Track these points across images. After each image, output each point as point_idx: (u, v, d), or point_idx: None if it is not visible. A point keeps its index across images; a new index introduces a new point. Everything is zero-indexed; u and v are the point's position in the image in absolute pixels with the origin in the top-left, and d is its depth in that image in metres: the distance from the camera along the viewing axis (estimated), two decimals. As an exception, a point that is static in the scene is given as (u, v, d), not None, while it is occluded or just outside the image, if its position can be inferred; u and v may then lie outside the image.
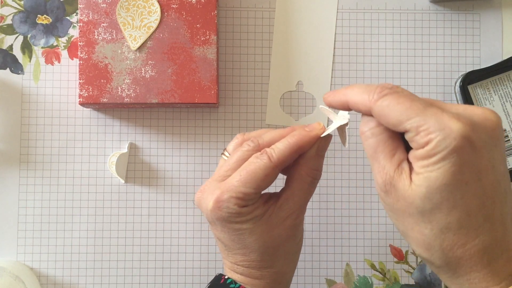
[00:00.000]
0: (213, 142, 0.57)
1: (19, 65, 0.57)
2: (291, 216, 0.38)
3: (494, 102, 0.57)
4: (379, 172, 0.31)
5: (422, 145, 0.29)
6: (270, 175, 0.37)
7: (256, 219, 0.37)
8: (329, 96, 0.34)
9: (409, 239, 0.32)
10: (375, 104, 0.30)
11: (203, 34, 0.53)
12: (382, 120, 0.31)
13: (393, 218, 0.32)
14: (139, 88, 0.52)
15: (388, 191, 0.31)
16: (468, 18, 0.58)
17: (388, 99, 0.30)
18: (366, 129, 0.32)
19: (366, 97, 0.31)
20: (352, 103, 0.32)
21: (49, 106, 0.57)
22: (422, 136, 0.29)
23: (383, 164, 0.31)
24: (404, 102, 0.29)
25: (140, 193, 0.57)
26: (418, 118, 0.29)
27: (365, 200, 0.57)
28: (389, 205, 0.31)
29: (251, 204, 0.37)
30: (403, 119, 0.29)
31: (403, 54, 0.58)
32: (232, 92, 0.57)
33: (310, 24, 0.58)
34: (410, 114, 0.29)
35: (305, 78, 0.57)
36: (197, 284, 0.56)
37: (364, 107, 0.31)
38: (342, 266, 0.57)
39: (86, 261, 0.56)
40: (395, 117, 0.29)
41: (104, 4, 0.53)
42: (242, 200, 0.37)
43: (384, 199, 0.32)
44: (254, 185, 0.37)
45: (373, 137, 0.31)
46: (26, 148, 0.56)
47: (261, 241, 0.37)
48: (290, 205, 0.38)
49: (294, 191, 0.38)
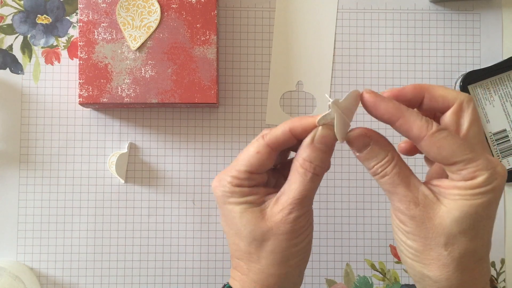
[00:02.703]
0: (213, 142, 0.57)
1: (19, 65, 0.57)
2: (283, 210, 0.36)
3: (494, 102, 0.57)
4: (401, 201, 0.34)
5: (467, 178, 0.32)
6: (261, 153, 0.36)
7: (250, 205, 0.37)
8: (380, 103, 0.34)
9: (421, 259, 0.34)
10: (433, 135, 0.33)
11: (203, 34, 0.53)
12: (432, 150, 0.33)
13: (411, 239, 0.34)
14: (139, 88, 0.52)
15: (413, 215, 0.33)
16: (468, 18, 0.58)
17: (445, 133, 0.33)
18: (379, 170, 0.34)
19: (424, 125, 0.33)
20: (405, 123, 0.33)
21: (49, 106, 0.57)
22: (470, 172, 0.32)
23: (404, 193, 0.34)
24: (457, 138, 0.33)
25: (140, 193, 0.57)
26: (470, 155, 0.32)
27: (365, 200, 0.57)
28: (411, 227, 0.34)
29: (246, 186, 0.37)
30: (457, 153, 0.32)
31: (403, 54, 0.58)
32: (232, 92, 0.57)
33: (310, 24, 0.58)
34: (463, 150, 0.32)
35: (305, 78, 0.57)
36: (197, 284, 0.56)
37: (417, 132, 0.33)
38: (342, 266, 0.57)
39: (86, 261, 0.56)
40: (450, 150, 0.32)
41: (104, 4, 0.53)
42: (235, 178, 0.37)
43: (406, 223, 0.34)
44: (246, 162, 0.36)
45: (388, 174, 0.34)
46: (26, 148, 0.56)
47: (250, 227, 0.37)
48: (284, 199, 0.36)
49: (290, 184, 0.36)
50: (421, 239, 0.34)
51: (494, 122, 0.57)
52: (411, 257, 0.35)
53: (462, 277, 0.33)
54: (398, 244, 0.36)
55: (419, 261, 0.34)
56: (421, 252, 0.34)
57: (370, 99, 0.34)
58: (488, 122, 0.57)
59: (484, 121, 0.57)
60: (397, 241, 0.36)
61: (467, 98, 0.34)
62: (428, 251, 0.34)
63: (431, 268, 0.34)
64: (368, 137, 0.35)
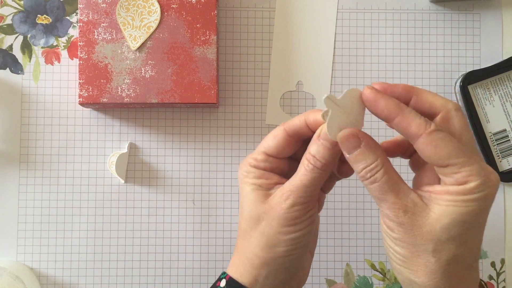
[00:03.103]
0: (213, 142, 0.57)
1: (19, 65, 0.57)
2: (281, 196, 0.37)
3: (494, 102, 0.57)
4: (390, 208, 0.34)
5: (460, 182, 0.32)
6: (277, 136, 0.38)
7: (259, 187, 0.38)
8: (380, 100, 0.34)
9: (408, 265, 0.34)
10: (431, 133, 0.33)
11: (203, 34, 0.53)
12: (429, 149, 0.33)
13: (399, 245, 0.34)
14: (139, 88, 0.52)
15: (402, 222, 0.33)
16: (468, 18, 0.58)
17: (442, 134, 0.33)
18: (368, 175, 0.34)
19: (423, 123, 0.33)
20: (403, 120, 0.33)
21: (49, 106, 0.57)
22: (464, 176, 0.32)
23: (394, 201, 0.34)
24: (454, 140, 0.33)
25: (140, 193, 0.57)
26: (465, 158, 0.32)
27: (365, 200, 0.57)
28: (399, 234, 0.34)
29: (261, 168, 0.38)
30: (452, 155, 0.32)
31: (403, 54, 0.58)
32: (232, 92, 0.57)
33: (310, 24, 0.58)
34: (458, 153, 0.32)
35: (305, 78, 0.57)
36: (197, 284, 0.56)
37: (415, 129, 0.33)
38: (342, 266, 0.57)
39: (86, 261, 0.56)
40: (446, 151, 0.32)
41: (104, 4, 0.53)
42: (254, 159, 0.39)
43: (394, 229, 0.34)
44: (264, 145, 0.39)
45: (377, 181, 0.34)
46: (26, 148, 0.56)
47: (251, 206, 0.38)
48: (286, 185, 0.37)
49: (295, 174, 0.37)
50: (409, 245, 0.34)
51: (494, 122, 0.57)
52: (399, 263, 0.35)
53: (450, 284, 0.33)
54: (387, 250, 0.36)
55: (407, 267, 0.34)
56: (409, 259, 0.34)
57: (371, 95, 0.34)
58: (488, 122, 0.57)
59: (484, 121, 0.57)
60: (386, 247, 0.36)
61: (455, 106, 0.34)
62: (415, 257, 0.34)
63: (419, 275, 0.34)
64: (358, 138, 0.34)
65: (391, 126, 0.34)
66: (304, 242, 0.37)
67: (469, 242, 0.33)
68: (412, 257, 0.34)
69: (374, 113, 0.35)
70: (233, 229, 0.57)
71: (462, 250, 0.33)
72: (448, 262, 0.33)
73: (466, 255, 0.33)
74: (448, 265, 0.33)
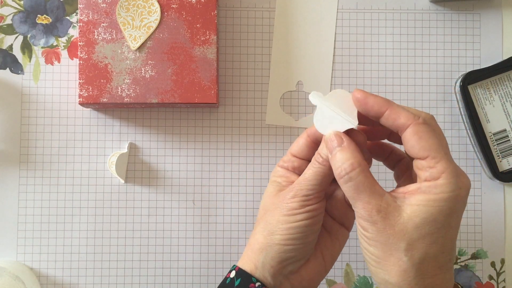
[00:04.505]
0: (213, 142, 0.57)
1: (19, 65, 0.57)
2: (288, 189, 0.39)
3: (494, 102, 0.57)
4: (364, 207, 0.35)
5: (433, 177, 0.34)
6: (301, 138, 0.41)
7: (278, 183, 0.41)
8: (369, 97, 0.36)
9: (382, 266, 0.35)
10: (419, 124, 0.34)
11: (203, 34, 0.53)
12: (413, 138, 0.34)
13: (373, 245, 0.35)
14: (139, 88, 0.52)
15: (375, 221, 0.34)
16: (468, 18, 0.58)
17: (429, 128, 0.34)
18: (343, 172, 0.36)
19: (411, 115, 0.35)
20: (394, 112, 0.36)
21: (49, 106, 0.57)
22: (438, 171, 0.34)
23: (368, 200, 0.35)
24: (439, 137, 0.34)
25: (140, 193, 0.57)
26: (444, 155, 0.34)
27: (365, 200, 0.57)
28: (372, 233, 0.35)
29: (285, 168, 0.42)
30: (433, 148, 0.34)
31: (403, 54, 0.58)
32: (232, 92, 0.57)
33: (310, 24, 0.58)
34: (439, 148, 0.34)
35: (305, 78, 0.57)
36: (197, 284, 0.56)
37: (405, 120, 0.35)
38: (342, 266, 0.57)
39: (86, 261, 0.56)
40: (428, 143, 0.34)
41: (104, 4, 0.53)
42: (282, 160, 0.42)
43: (368, 229, 0.35)
44: (292, 146, 0.42)
45: (352, 180, 0.35)
46: (26, 148, 0.56)
47: (265, 199, 0.41)
48: (295, 181, 0.40)
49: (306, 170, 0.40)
50: (382, 245, 0.35)
51: (494, 122, 0.57)
52: (374, 264, 0.36)
53: (423, 283, 0.34)
54: (363, 253, 0.37)
55: (381, 268, 0.35)
56: (382, 258, 0.35)
57: (360, 95, 0.37)
58: (488, 122, 0.57)
59: (484, 121, 0.57)
60: (362, 249, 0.37)
61: (429, 115, 0.36)
62: (388, 256, 0.35)
63: (392, 275, 0.35)
64: (341, 138, 0.37)
65: (381, 122, 0.36)
66: (300, 235, 0.39)
67: (440, 242, 0.34)
68: (385, 256, 0.35)
69: (364, 111, 0.37)
70: (233, 229, 0.57)
71: (434, 249, 0.34)
72: (421, 260, 0.34)
73: (439, 254, 0.34)
74: (421, 263, 0.34)
